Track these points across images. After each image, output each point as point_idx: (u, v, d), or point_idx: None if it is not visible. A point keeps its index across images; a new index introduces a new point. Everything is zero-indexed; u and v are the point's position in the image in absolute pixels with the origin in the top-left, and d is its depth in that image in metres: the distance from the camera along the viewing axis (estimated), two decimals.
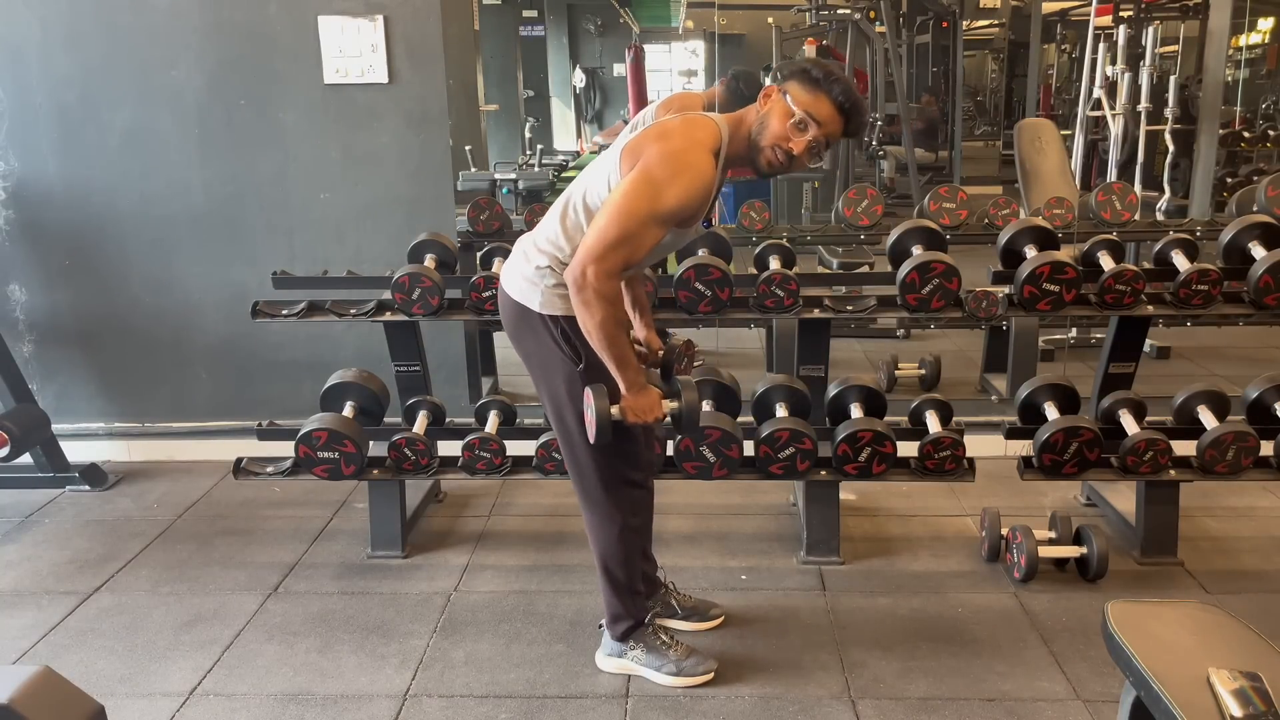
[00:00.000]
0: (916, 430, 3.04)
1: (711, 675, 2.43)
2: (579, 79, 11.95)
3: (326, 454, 2.92)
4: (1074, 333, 4.89)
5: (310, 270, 3.52)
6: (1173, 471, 2.92)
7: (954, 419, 3.07)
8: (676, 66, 11.17)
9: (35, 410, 3.63)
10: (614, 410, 2.16)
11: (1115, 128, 5.53)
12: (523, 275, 2.23)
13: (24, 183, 3.76)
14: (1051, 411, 2.99)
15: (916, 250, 2.99)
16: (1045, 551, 2.89)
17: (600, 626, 2.51)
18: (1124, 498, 3.20)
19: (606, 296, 2.03)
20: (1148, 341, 4.16)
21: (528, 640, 2.64)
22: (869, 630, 2.66)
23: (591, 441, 2.18)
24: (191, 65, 3.66)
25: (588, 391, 2.16)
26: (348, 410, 3.09)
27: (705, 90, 4.88)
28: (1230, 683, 1.38)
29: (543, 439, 2.98)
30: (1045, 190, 4.77)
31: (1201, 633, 1.59)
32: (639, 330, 2.50)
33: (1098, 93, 5.56)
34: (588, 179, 2.19)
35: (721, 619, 2.68)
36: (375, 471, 3.03)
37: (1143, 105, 5.57)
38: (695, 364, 2.70)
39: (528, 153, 8.60)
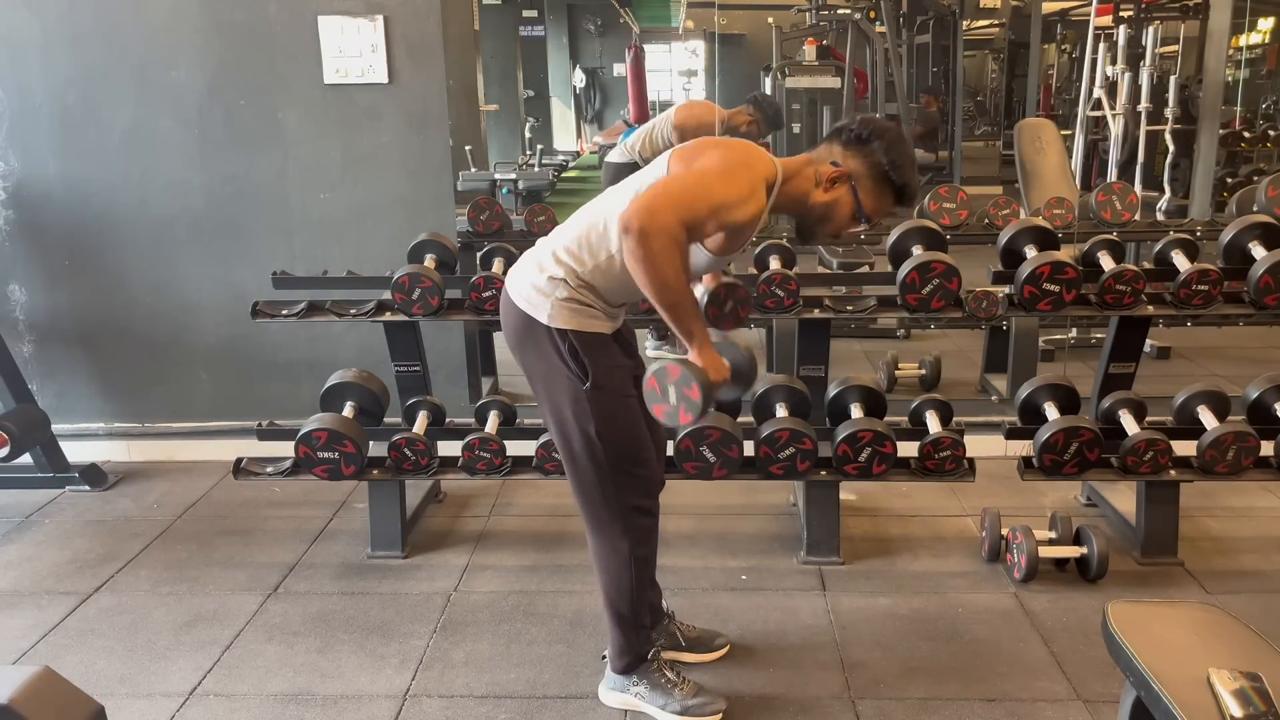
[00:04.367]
0: (916, 430, 3.04)
1: (719, 717, 2.30)
2: (579, 79, 11.97)
3: (326, 454, 2.92)
4: (1074, 333, 4.89)
5: (310, 270, 3.52)
6: (1173, 471, 2.92)
7: (954, 419, 3.07)
8: (676, 66, 11.18)
9: (35, 410, 3.63)
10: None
11: (1115, 128, 5.53)
12: (533, 285, 2.11)
13: (24, 183, 3.76)
14: (1051, 411, 2.99)
15: (916, 250, 2.99)
16: (1045, 551, 2.89)
17: (603, 658, 2.40)
18: (1124, 498, 3.20)
19: (680, 245, 1.90)
20: (1148, 341, 4.16)
21: (528, 640, 2.64)
22: (869, 630, 2.66)
23: (693, 420, 2.00)
24: (191, 65, 3.66)
25: (673, 366, 1.96)
26: (348, 410, 3.09)
27: (724, 108, 4.90)
28: (1230, 683, 1.38)
29: (543, 439, 2.99)
30: (1045, 190, 4.77)
31: (1201, 633, 1.59)
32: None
33: (1098, 93, 5.56)
34: (626, 196, 2.08)
35: (726, 649, 2.55)
36: (375, 471, 3.03)
37: (1143, 105, 5.57)
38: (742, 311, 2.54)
39: (528, 153, 8.61)
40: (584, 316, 2.10)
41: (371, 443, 3.03)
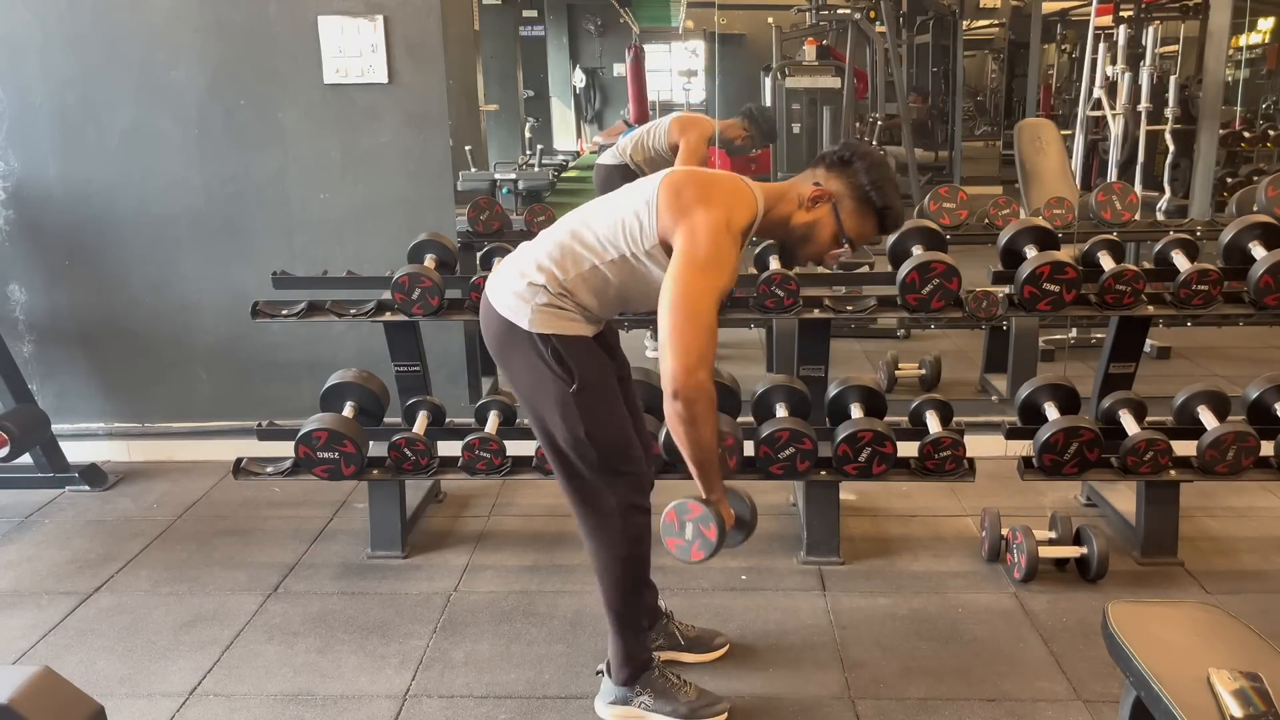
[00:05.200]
0: (916, 430, 3.04)
1: (724, 718, 2.30)
2: (579, 79, 11.97)
3: (326, 454, 2.92)
4: (1074, 333, 4.89)
5: (310, 270, 3.52)
6: (1173, 471, 2.92)
7: (954, 419, 3.07)
8: (676, 66, 11.19)
9: (35, 410, 3.63)
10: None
11: (1115, 128, 5.53)
12: (513, 291, 2.11)
13: (24, 183, 3.76)
14: (1051, 411, 2.99)
15: (916, 250, 2.99)
16: (1045, 551, 2.89)
17: (599, 673, 2.35)
18: (1124, 498, 3.20)
19: (713, 400, 2.01)
20: (1148, 341, 4.16)
21: (528, 640, 2.64)
22: (869, 630, 2.66)
23: (704, 559, 2.10)
24: (191, 65, 3.66)
25: (694, 505, 2.08)
26: (348, 410, 3.09)
27: (722, 120, 4.94)
28: (1230, 683, 1.38)
29: None
30: (1045, 190, 4.77)
31: (1201, 633, 1.59)
32: None
33: (1098, 93, 5.56)
34: (612, 212, 2.11)
35: (725, 649, 2.55)
36: (375, 471, 3.03)
37: (1143, 105, 5.57)
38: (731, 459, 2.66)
39: (528, 153, 8.62)
40: (564, 320, 2.10)
41: (371, 443, 3.03)
